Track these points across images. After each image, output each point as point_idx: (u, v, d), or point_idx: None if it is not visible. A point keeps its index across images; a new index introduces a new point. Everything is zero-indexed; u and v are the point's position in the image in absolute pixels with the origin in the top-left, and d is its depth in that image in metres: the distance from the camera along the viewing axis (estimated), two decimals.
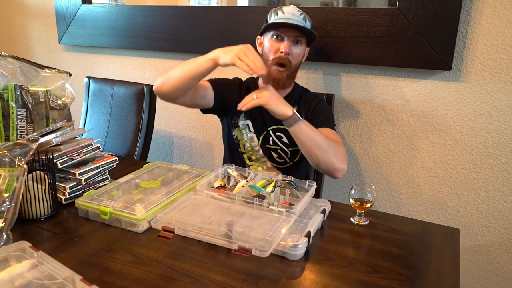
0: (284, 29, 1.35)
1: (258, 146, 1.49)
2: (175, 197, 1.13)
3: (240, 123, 1.50)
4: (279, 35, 1.36)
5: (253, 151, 1.50)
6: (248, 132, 1.49)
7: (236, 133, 1.52)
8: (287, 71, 1.37)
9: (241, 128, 1.50)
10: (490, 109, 1.50)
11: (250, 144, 1.50)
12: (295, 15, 1.36)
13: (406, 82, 1.61)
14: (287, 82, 1.40)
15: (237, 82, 1.54)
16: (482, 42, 1.46)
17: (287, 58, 1.36)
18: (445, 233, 1.06)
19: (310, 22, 1.42)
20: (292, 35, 1.35)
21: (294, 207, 1.04)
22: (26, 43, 2.54)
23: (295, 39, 1.36)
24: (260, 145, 1.49)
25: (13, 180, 0.98)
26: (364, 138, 1.73)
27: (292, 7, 1.39)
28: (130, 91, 1.91)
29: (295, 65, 1.39)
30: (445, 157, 1.61)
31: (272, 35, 1.38)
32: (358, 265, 0.91)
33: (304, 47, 1.42)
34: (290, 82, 1.43)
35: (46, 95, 1.28)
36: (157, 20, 2.00)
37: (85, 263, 0.90)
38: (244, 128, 1.50)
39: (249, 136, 1.49)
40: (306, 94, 1.51)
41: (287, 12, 1.37)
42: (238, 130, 1.51)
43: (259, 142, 1.49)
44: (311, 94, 1.53)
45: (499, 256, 1.61)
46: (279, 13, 1.38)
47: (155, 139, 2.19)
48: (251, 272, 0.87)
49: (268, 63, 1.36)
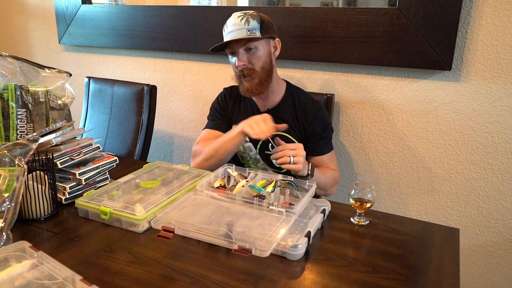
0: (231, 44, 1.36)
1: (256, 154, 1.49)
2: (175, 197, 1.13)
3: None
4: (232, 51, 1.40)
5: (251, 159, 1.50)
6: (244, 142, 1.48)
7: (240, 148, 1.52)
8: (254, 79, 1.38)
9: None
10: (490, 109, 1.50)
11: (248, 154, 1.50)
12: (236, 24, 1.35)
13: (406, 82, 1.61)
14: (261, 88, 1.40)
15: (223, 96, 1.57)
16: (482, 42, 1.46)
17: (247, 67, 1.37)
18: (445, 233, 1.06)
19: (255, 19, 1.35)
20: (239, 46, 1.36)
21: (294, 207, 1.04)
22: (26, 43, 2.55)
23: (245, 47, 1.36)
24: (259, 153, 1.48)
25: (13, 180, 0.98)
26: (364, 138, 1.73)
27: (233, 17, 1.37)
28: (130, 91, 1.91)
29: (261, 68, 1.38)
30: (445, 157, 1.61)
31: (228, 54, 1.42)
32: (358, 265, 0.91)
33: (263, 46, 1.38)
34: (264, 87, 1.41)
35: (46, 95, 1.28)
36: (157, 20, 2.00)
37: (85, 263, 0.90)
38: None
39: (246, 146, 1.49)
40: (300, 97, 1.49)
41: (230, 25, 1.37)
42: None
43: (257, 150, 1.48)
44: (306, 96, 1.50)
45: (499, 256, 1.61)
46: (225, 29, 1.39)
47: (155, 139, 2.19)
48: (251, 272, 0.87)
49: (237, 78, 1.43)
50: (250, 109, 1.50)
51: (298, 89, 1.53)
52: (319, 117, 1.46)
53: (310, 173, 1.31)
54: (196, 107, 2.09)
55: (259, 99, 1.49)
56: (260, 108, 1.49)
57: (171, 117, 2.18)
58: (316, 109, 1.46)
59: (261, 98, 1.48)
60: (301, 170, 1.26)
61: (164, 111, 2.19)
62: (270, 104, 1.48)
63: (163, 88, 2.15)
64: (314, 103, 1.48)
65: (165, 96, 2.16)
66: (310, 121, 1.45)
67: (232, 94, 1.55)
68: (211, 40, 1.89)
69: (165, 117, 2.20)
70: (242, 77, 1.40)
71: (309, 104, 1.47)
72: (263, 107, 1.49)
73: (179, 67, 2.08)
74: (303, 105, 1.47)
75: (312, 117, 1.45)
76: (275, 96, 1.48)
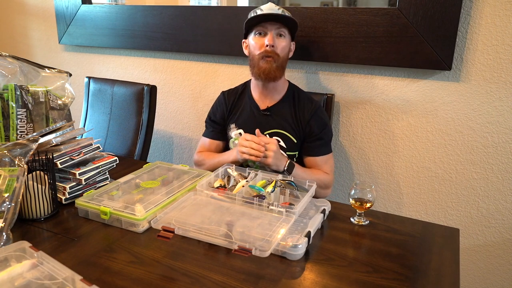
0: (265, 23, 1.39)
1: None
2: (175, 197, 1.13)
3: (232, 134, 1.52)
4: (262, 31, 1.41)
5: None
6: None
7: (231, 145, 1.53)
8: (275, 62, 1.40)
9: (235, 139, 1.51)
10: (490, 109, 1.50)
11: None
12: (273, 10, 1.40)
13: (406, 82, 1.61)
14: (278, 73, 1.42)
15: (221, 98, 1.59)
16: (482, 42, 1.46)
17: (273, 51, 1.40)
18: (445, 233, 1.06)
19: (290, 15, 1.44)
20: (273, 27, 1.39)
21: (294, 207, 1.04)
22: (26, 43, 2.55)
23: (277, 31, 1.40)
24: None
25: (13, 180, 0.98)
26: (364, 138, 1.73)
27: (269, 4, 1.42)
28: (130, 91, 1.91)
29: (282, 57, 1.42)
30: (445, 157, 1.61)
31: (255, 33, 1.43)
32: (358, 265, 0.91)
33: (288, 40, 1.44)
34: (280, 74, 1.43)
35: (46, 95, 1.28)
36: (157, 20, 2.00)
37: (85, 263, 0.90)
38: (237, 138, 1.50)
39: None
40: (300, 96, 1.50)
41: (266, 9, 1.41)
42: (232, 142, 1.53)
43: None
44: (306, 96, 1.51)
45: (499, 256, 1.61)
46: (257, 12, 1.41)
47: (155, 139, 2.19)
48: (251, 272, 0.87)
49: (255, 60, 1.42)
50: (250, 108, 1.51)
51: (299, 88, 1.54)
52: (317, 116, 1.46)
53: (286, 169, 1.34)
54: (196, 107, 2.09)
55: (260, 96, 1.51)
56: (260, 106, 1.50)
57: (171, 117, 2.18)
58: (314, 109, 1.47)
59: (263, 94, 1.50)
60: (271, 165, 1.32)
61: (164, 111, 2.18)
62: (270, 102, 1.49)
63: (163, 88, 2.15)
64: (313, 103, 1.49)
65: (165, 96, 2.16)
66: (307, 120, 1.45)
67: (230, 96, 1.57)
68: (211, 40, 1.89)
69: (165, 117, 2.20)
70: (264, 57, 1.40)
71: (308, 104, 1.48)
72: (263, 105, 1.50)
73: (179, 67, 2.08)
74: (302, 104, 1.47)
75: (310, 116, 1.45)
76: (277, 93, 1.49)
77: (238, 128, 1.51)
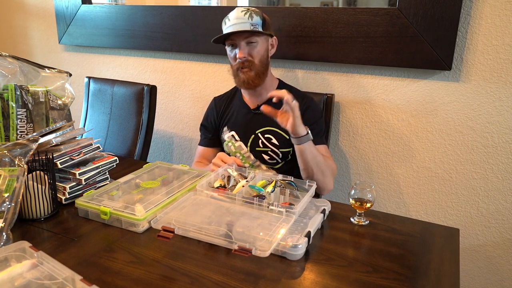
0: (233, 36, 1.40)
1: (247, 152, 1.50)
2: (175, 197, 1.13)
3: (225, 137, 1.53)
4: (232, 43, 1.43)
5: (244, 158, 1.51)
6: (235, 141, 1.51)
7: (225, 148, 1.54)
8: (252, 71, 1.42)
9: (228, 141, 1.52)
10: (490, 109, 1.50)
11: (240, 153, 1.51)
12: (240, 18, 1.39)
13: (406, 82, 1.61)
14: (257, 80, 1.43)
15: (212, 104, 1.63)
16: (482, 42, 1.46)
17: (247, 60, 1.41)
18: (445, 233, 1.06)
19: (258, 16, 1.41)
20: (241, 38, 1.40)
21: (294, 207, 1.04)
22: (26, 43, 2.55)
23: (247, 40, 1.41)
24: (250, 150, 1.50)
25: (13, 180, 0.98)
26: (364, 138, 1.73)
27: (236, 11, 1.42)
28: (130, 91, 1.91)
29: (259, 61, 1.43)
30: (445, 157, 1.61)
31: (227, 46, 1.46)
32: (358, 265, 0.91)
33: (262, 42, 1.44)
34: (260, 80, 1.45)
35: (46, 95, 1.28)
36: (157, 20, 2.00)
37: (85, 263, 0.90)
38: (230, 140, 1.52)
39: (237, 146, 1.51)
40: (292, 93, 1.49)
41: (232, 18, 1.41)
42: (225, 145, 1.54)
43: (248, 148, 1.50)
44: (298, 92, 1.51)
45: (499, 256, 1.61)
46: (226, 22, 1.43)
47: (155, 139, 2.19)
48: (251, 272, 0.87)
49: (234, 70, 1.46)
50: (241, 109, 1.54)
51: (290, 86, 1.55)
52: (309, 109, 1.46)
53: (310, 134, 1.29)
54: (196, 107, 2.09)
55: (250, 96, 1.52)
56: (250, 105, 1.53)
57: (171, 117, 2.18)
58: (306, 103, 1.47)
59: (252, 95, 1.51)
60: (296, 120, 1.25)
61: (164, 111, 2.18)
62: (260, 100, 1.50)
63: (163, 88, 2.14)
64: (305, 98, 1.49)
65: (165, 96, 2.16)
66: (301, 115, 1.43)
67: (221, 102, 1.59)
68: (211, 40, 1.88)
69: (165, 117, 2.20)
70: (240, 69, 1.43)
71: (299, 100, 1.47)
72: (253, 104, 1.52)
73: (179, 67, 2.08)
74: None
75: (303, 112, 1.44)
76: (266, 92, 1.48)
77: (231, 130, 1.53)
